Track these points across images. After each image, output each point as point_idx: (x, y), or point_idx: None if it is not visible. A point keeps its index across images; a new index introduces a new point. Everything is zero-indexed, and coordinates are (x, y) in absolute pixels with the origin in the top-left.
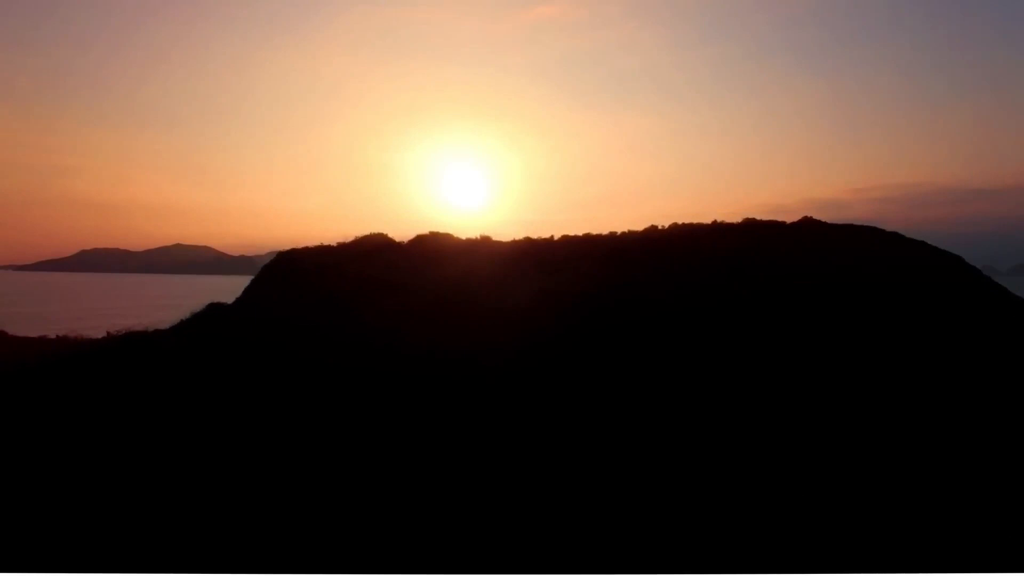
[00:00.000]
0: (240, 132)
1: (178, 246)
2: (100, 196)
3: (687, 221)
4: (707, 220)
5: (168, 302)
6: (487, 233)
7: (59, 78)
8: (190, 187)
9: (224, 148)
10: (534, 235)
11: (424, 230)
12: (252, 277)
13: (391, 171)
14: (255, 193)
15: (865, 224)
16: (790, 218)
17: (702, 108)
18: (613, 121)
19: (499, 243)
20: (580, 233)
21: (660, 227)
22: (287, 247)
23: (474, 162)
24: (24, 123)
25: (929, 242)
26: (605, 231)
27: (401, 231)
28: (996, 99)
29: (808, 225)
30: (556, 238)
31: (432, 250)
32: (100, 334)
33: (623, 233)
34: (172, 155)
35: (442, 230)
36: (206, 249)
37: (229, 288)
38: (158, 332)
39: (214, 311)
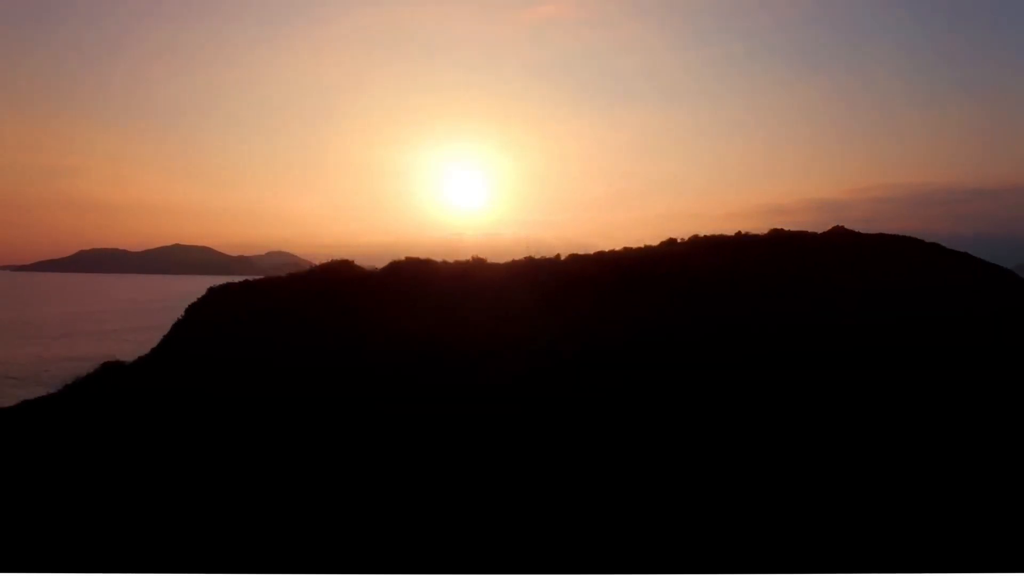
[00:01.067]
0: (240, 132)
1: (177, 246)
2: (99, 196)
3: (708, 233)
4: (711, 223)
5: (160, 305)
6: (488, 234)
7: (57, 77)
8: (189, 187)
9: (224, 148)
10: (535, 237)
11: (424, 230)
12: (252, 278)
13: (391, 171)
14: (254, 193)
15: (895, 233)
16: (791, 218)
17: (702, 108)
18: (613, 121)
19: (494, 267)
20: (588, 242)
21: (680, 240)
22: (286, 247)
23: (474, 162)
24: (22, 123)
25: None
26: (616, 239)
27: (400, 232)
28: (996, 99)
29: (840, 236)
30: (563, 257)
31: (410, 282)
32: (80, 341)
33: (639, 249)
34: (171, 155)
35: (442, 230)
36: (205, 250)
37: None
38: (26, 406)
39: (109, 373)
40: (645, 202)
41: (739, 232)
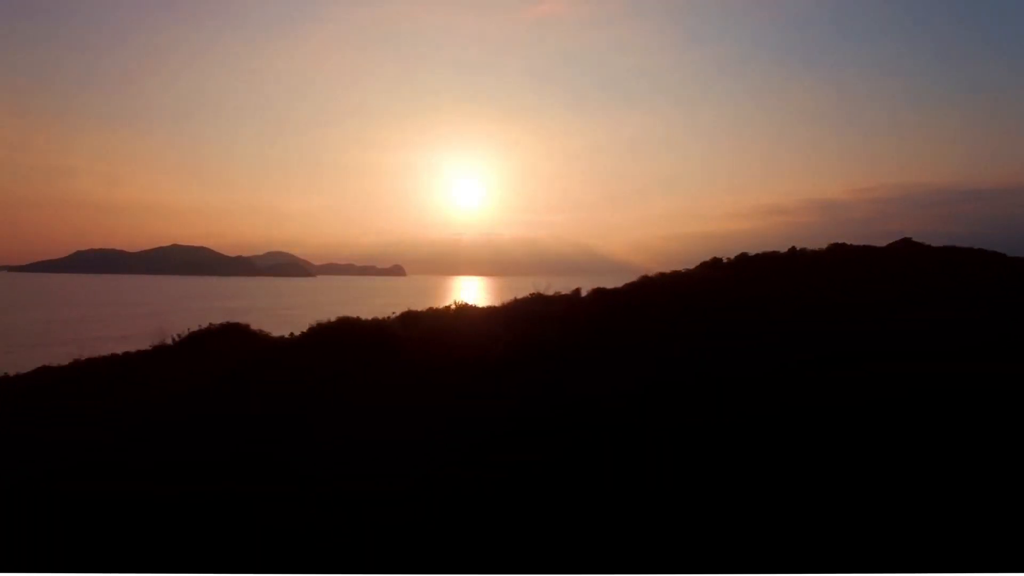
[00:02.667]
0: (238, 131)
1: (175, 247)
2: (96, 196)
3: (758, 250)
4: (711, 223)
5: (147, 310)
6: (487, 234)
7: (54, 77)
8: (187, 187)
9: (222, 148)
10: (534, 237)
11: (424, 230)
12: (250, 278)
13: (390, 171)
14: (253, 193)
15: (965, 242)
16: (791, 218)
17: (702, 108)
18: (613, 121)
19: (484, 313)
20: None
21: (725, 260)
22: (286, 248)
23: (474, 161)
24: (19, 122)
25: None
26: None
27: (400, 232)
28: (996, 99)
29: (907, 249)
30: (583, 293)
31: (336, 363)
32: (50, 352)
33: (678, 274)
34: (169, 155)
35: (442, 230)
36: (203, 250)
37: (226, 289)
38: None
39: None
40: (645, 202)
41: (793, 248)
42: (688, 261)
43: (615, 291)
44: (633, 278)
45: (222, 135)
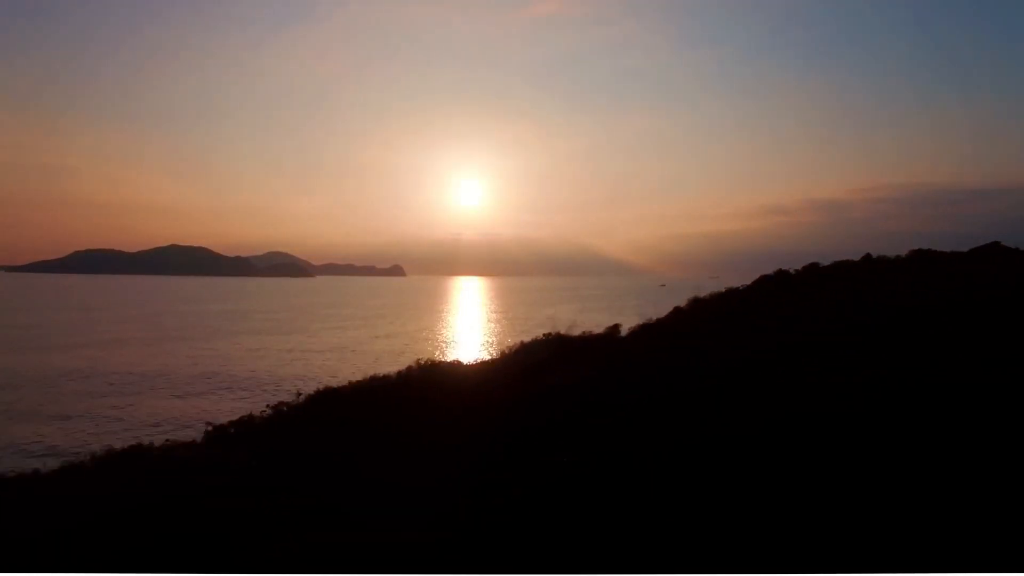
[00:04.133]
0: (236, 132)
1: (173, 247)
2: (94, 196)
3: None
4: (712, 223)
5: (134, 312)
6: (487, 233)
7: (53, 77)
8: (186, 187)
9: (220, 148)
10: (534, 237)
11: (424, 230)
12: (249, 278)
13: (390, 171)
14: (251, 193)
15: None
16: (791, 218)
17: (702, 108)
18: (613, 121)
19: (468, 390)
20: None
21: (792, 271)
22: (285, 248)
23: (474, 161)
24: (18, 123)
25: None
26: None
27: (400, 232)
28: (996, 99)
29: (996, 252)
30: (623, 330)
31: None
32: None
33: (732, 292)
34: (167, 155)
35: (442, 229)
36: (202, 250)
37: (225, 289)
38: None
39: None
40: (645, 202)
41: (867, 255)
42: (688, 260)
43: (659, 322)
44: (637, 278)
45: (221, 135)
